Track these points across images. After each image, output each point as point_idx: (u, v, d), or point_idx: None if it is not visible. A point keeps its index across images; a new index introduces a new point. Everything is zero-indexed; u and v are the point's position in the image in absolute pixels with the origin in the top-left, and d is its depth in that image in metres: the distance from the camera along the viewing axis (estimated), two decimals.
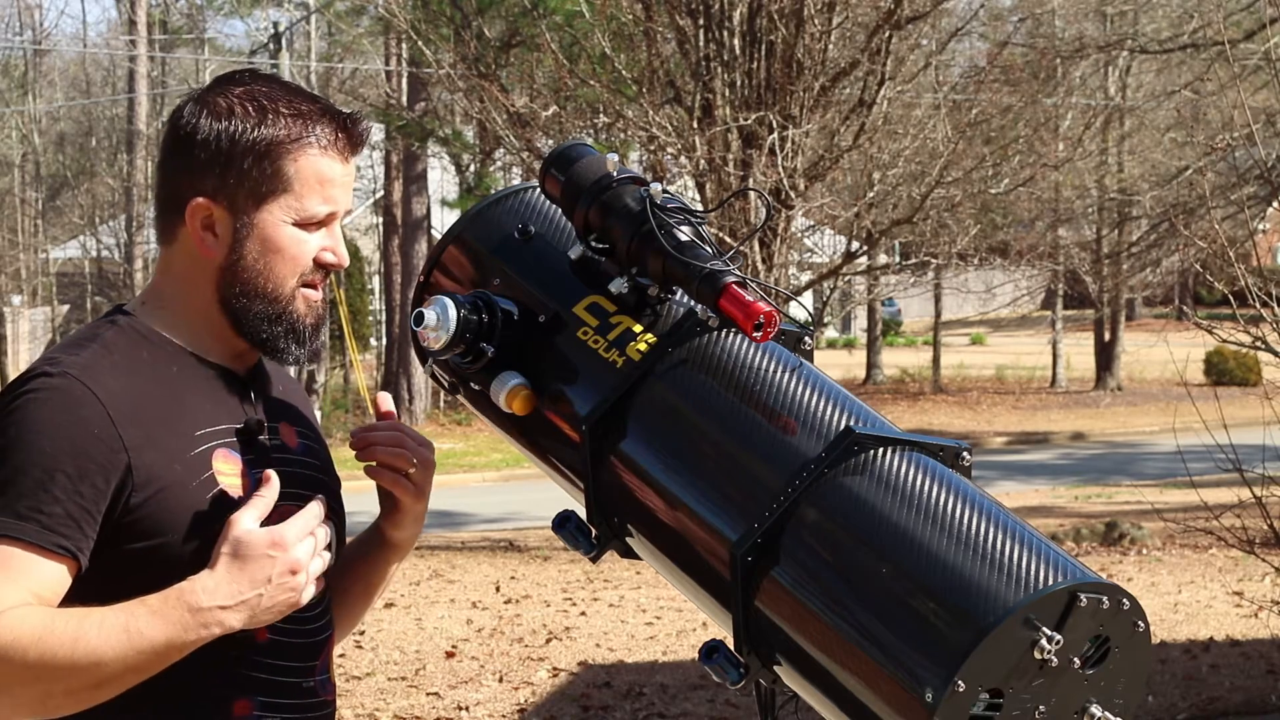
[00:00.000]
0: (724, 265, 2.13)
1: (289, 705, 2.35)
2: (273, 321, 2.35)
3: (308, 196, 2.34)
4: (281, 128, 2.34)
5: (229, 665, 2.27)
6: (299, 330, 2.37)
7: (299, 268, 2.35)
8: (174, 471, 2.26)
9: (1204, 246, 12.70)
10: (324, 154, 2.35)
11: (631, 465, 2.17)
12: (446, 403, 29.82)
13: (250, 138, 2.33)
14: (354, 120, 2.40)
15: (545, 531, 15.10)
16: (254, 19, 37.16)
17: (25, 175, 40.07)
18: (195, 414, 2.32)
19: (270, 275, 2.34)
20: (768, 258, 13.80)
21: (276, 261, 2.34)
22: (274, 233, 2.33)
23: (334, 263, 2.37)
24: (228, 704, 2.29)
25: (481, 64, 16.99)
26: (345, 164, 2.38)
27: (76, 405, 2.22)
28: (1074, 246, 32.17)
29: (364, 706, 8.91)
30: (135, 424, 2.24)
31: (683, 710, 8.73)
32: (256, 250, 2.34)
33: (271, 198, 2.33)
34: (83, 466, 2.20)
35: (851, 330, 47.65)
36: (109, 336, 2.33)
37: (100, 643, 2.14)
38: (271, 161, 2.33)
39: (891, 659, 1.91)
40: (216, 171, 2.33)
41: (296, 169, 2.33)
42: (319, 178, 2.34)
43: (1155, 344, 20.02)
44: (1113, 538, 14.89)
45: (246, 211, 2.33)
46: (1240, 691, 8.97)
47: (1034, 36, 27.29)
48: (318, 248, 2.37)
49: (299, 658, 2.37)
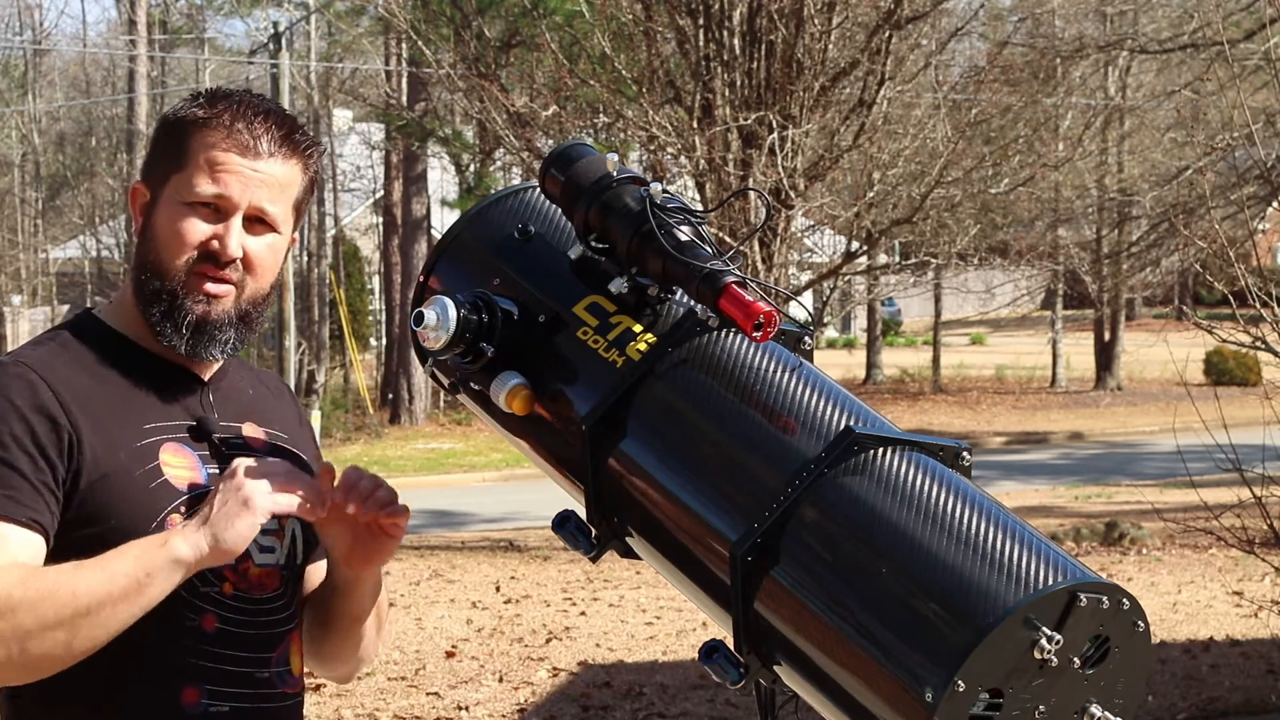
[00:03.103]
0: (724, 265, 2.13)
1: (239, 695, 2.37)
2: (156, 297, 2.38)
3: (196, 174, 2.37)
4: (197, 110, 2.39)
5: (177, 654, 2.31)
6: (176, 315, 2.37)
7: (184, 247, 2.37)
8: (118, 459, 2.31)
9: (1204, 246, 12.71)
10: (221, 138, 2.37)
11: (631, 465, 2.17)
12: (446, 403, 29.82)
13: (172, 120, 2.41)
14: (264, 113, 2.40)
15: (545, 531, 15.10)
16: (254, 19, 37.16)
17: (25, 175, 40.07)
18: (145, 408, 2.37)
19: (160, 251, 2.38)
20: (768, 258, 13.80)
21: (166, 238, 2.38)
22: (167, 209, 2.38)
23: (217, 250, 2.36)
24: (177, 691, 2.33)
25: (481, 64, 16.98)
26: (245, 155, 2.37)
27: (30, 390, 2.29)
28: (1074, 246, 32.17)
29: (364, 706, 8.91)
30: (84, 411, 2.31)
31: (683, 710, 8.73)
32: (155, 228, 2.39)
33: (173, 174, 2.39)
34: (40, 445, 2.26)
35: (851, 330, 47.66)
36: (65, 336, 2.41)
37: (78, 577, 2.19)
38: (178, 140, 2.39)
39: (891, 659, 1.91)
40: (150, 154, 2.43)
41: (194, 148, 2.37)
42: (209, 159, 2.36)
43: (1155, 344, 20.03)
44: (1113, 538, 14.89)
45: (157, 190, 2.40)
46: (1240, 691, 8.97)
47: (1034, 36, 27.29)
48: (208, 233, 2.37)
49: (250, 648, 2.39)
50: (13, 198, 39.34)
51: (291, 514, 2.30)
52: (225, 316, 2.39)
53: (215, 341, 2.39)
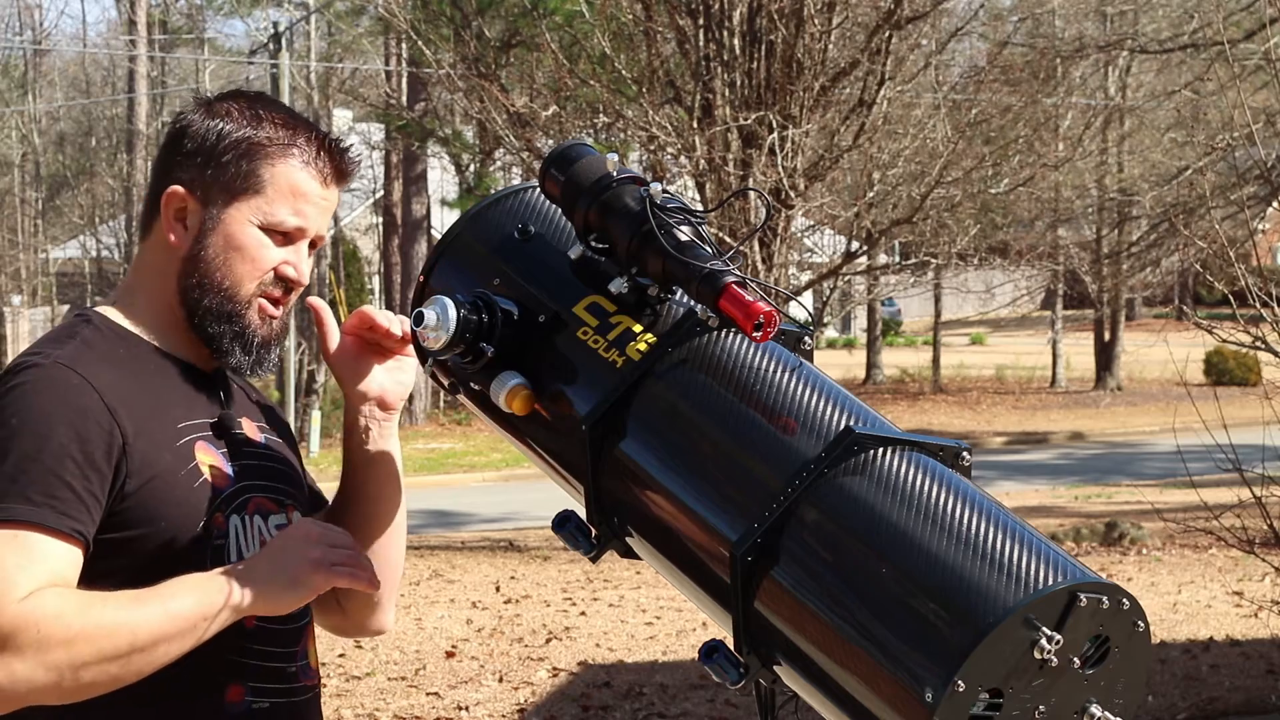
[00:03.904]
0: (724, 265, 2.13)
1: (276, 690, 2.39)
2: (222, 319, 2.39)
3: (278, 202, 2.38)
4: (268, 133, 2.39)
5: (224, 653, 2.30)
6: (246, 337, 2.40)
7: (257, 271, 2.39)
8: (164, 460, 2.31)
9: (1204, 246, 12.71)
10: (303, 168, 2.40)
11: (631, 465, 2.17)
12: (446, 403, 29.82)
13: (236, 136, 2.39)
14: (340, 148, 2.45)
15: (545, 531, 15.11)
16: (254, 19, 37.18)
17: (25, 175, 40.10)
18: (174, 406, 2.37)
19: (228, 272, 2.38)
20: (768, 258, 13.80)
21: (236, 260, 2.38)
22: (238, 230, 2.38)
23: (294, 278, 2.41)
24: (222, 690, 2.33)
25: (481, 64, 16.98)
26: (323, 185, 2.42)
27: (75, 393, 2.26)
28: (1074, 246, 32.19)
29: (364, 706, 8.91)
30: (129, 413, 2.29)
31: (683, 710, 8.73)
32: (219, 245, 2.38)
33: (243, 196, 2.38)
34: (88, 452, 2.23)
35: (851, 330, 47.68)
36: (86, 333, 2.37)
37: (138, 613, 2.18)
38: (250, 161, 2.38)
39: (891, 659, 1.91)
40: (198, 162, 2.39)
41: (273, 174, 2.38)
42: (293, 188, 2.39)
43: (1155, 344, 20.02)
44: (1113, 538, 14.89)
45: (217, 206, 2.38)
46: (1240, 691, 8.97)
47: (1034, 36, 27.29)
48: (280, 259, 2.41)
49: (283, 643, 2.41)
50: (13, 198, 39.37)
51: (347, 586, 2.32)
52: (280, 335, 2.44)
53: (269, 359, 2.43)
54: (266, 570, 2.25)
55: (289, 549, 2.26)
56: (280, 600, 2.25)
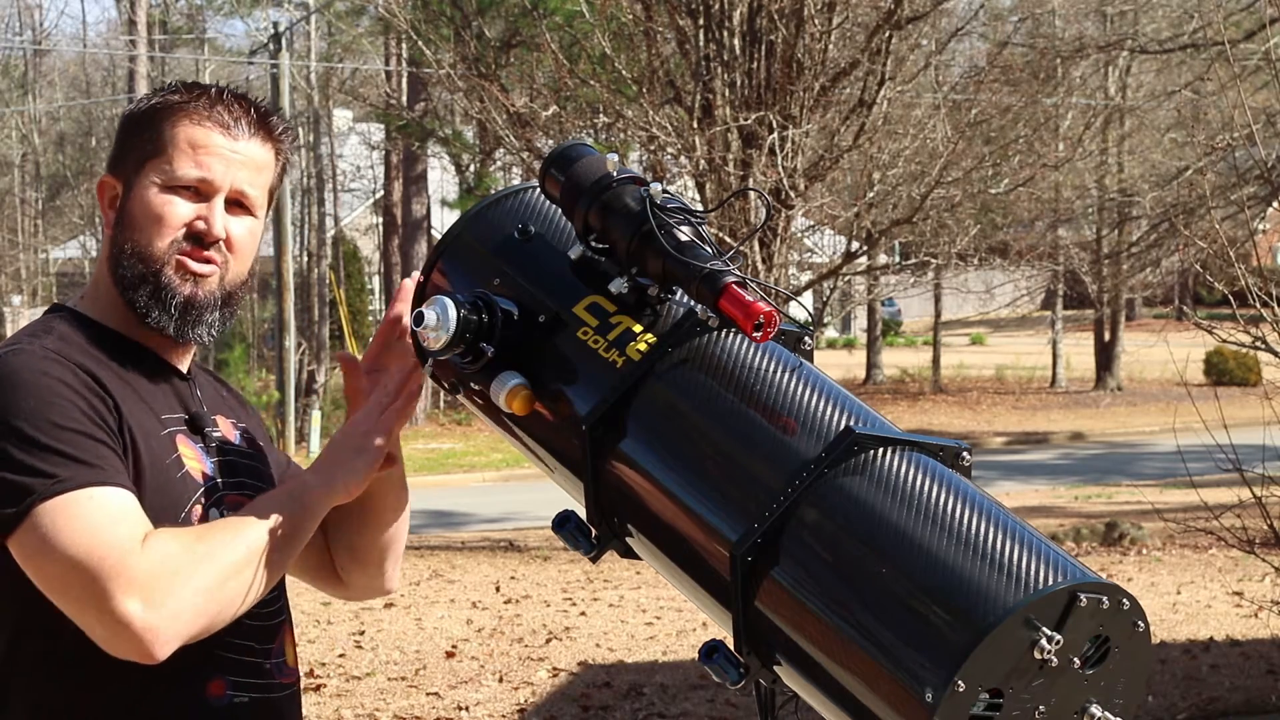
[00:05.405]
0: (724, 265, 2.12)
1: (255, 685, 2.40)
2: (140, 281, 2.39)
3: (177, 158, 2.38)
4: (167, 98, 2.42)
5: (204, 646, 2.29)
6: (163, 296, 2.38)
7: (167, 229, 2.38)
8: (151, 448, 2.32)
9: (1204, 246, 12.70)
10: (201, 121, 2.40)
11: (631, 465, 2.17)
12: (446, 403, 29.82)
13: (140, 110, 2.43)
14: (243, 97, 2.45)
15: (545, 531, 15.11)
16: (254, 19, 37.18)
17: (25, 175, 40.10)
18: (153, 399, 2.38)
19: (141, 236, 2.39)
20: (768, 258, 13.80)
21: (146, 223, 2.38)
22: (144, 194, 2.39)
23: (203, 230, 2.38)
24: (204, 683, 2.34)
25: (481, 64, 16.99)
26: (227, 136, 2.41)
27: (73, 372, 2.28)
28: (1074, 246, 32.20)
29: (364, 706, 8.91)
30: (117, 398, 2.31)
31: (683, 710, 8.73)
32: (133, 214, 2.40)
33: (149, 162, 2.40)
34: (103, 419, 2.26)
35: (851, 330, 47.69)
36: (61, 328, 2.39)
37: (237, 521, 2.27)
38: (152, 127, 2.41)
39: (891, 659, 1.91)
40: (117, 147, 2.44)
41: (172, 134, 2.39)
42: (191, 141, 2.39)
43: (1155, 344, 20.02)
44: (1113, 538, 14.89)
45: (131, 179, 2.41)
46: (1240, 691, 8.97)
47: (1034, 36, 27.29)
48: (192, 214, 2.39)
49: (259, 638, 2.41)
50: (13, 198, 39.37)
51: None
52: (211, 298, 2.40)
53: (202, 322, 2.40)
54: (328, 455, 2.35)
55: (341, 438, 2.37)
56: (355, 468, 2.34)
